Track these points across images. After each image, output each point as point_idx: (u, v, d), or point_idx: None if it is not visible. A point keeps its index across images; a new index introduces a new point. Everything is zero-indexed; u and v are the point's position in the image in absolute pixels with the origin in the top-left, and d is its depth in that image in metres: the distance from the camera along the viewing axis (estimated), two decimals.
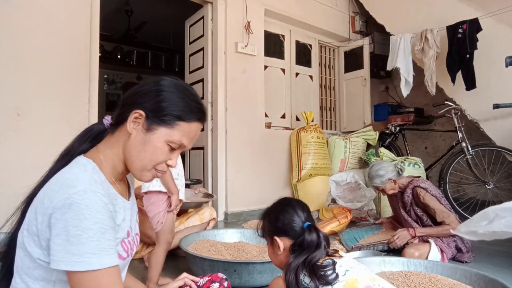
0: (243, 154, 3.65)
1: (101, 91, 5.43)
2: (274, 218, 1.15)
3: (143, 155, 0.84)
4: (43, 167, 0.91)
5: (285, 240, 1.11)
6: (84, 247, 0.70)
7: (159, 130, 0.84)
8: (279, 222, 1.13)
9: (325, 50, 4.99)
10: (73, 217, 0.71)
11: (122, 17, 5.34)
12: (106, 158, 0.86)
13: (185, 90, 0.88)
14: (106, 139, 0.89)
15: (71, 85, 2.62)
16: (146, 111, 0.83)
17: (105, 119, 0.91)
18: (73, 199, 0.72)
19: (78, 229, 0.70)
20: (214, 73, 3.60)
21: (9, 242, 0.87)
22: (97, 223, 0.73)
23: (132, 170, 0.88)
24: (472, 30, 3.43)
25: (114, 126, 0.88)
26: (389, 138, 4.27)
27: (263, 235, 1.21)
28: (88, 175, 0.79)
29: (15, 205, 0.91)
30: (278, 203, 1.20)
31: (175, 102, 0.85)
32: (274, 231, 1.14)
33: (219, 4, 3.59)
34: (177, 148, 0.87)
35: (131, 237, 0.90)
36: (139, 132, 0.84)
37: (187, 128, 0.86)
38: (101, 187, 0.79)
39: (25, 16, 2.44)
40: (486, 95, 3.45)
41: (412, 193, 2.27)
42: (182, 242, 1.94)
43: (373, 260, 1.79)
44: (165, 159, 0.86)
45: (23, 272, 0.79)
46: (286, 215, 1.13)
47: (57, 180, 0.78)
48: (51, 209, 0.73)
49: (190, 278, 1.12)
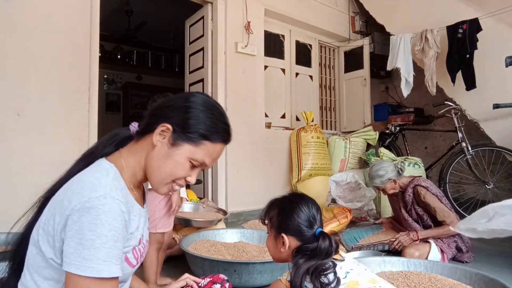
0: (243, 154, 3.65)
1: (101, 91, 5.43)
2: (286, 215, 1.09)
3: (164, 169, 0.85)
4: (43, 167, 0.91)
5: (292, 240, 1.07)
6: (97, 253, 0.70)
7: (184, 146, 0.84)
8: (291, 221, 1.07)
9: (325, 50, 4.99)
10: (90, 221, 0.71)
11: (122, 17, 5.34)
12: (127, 164, 0.87)
13: (214, 109, 0.89)
14: (130, 146, 0.90)
15: (71, 85, 2.62)
16: (174, 125, 0.84)
17: (132, 126, 0.92)
18: (93, 203, 0.72)
19: (93, 233, 0.70)
20: (214, 73, 3.60)
21: (22, 238, 0.86)
22: (112, 230, 0.73)
23: (151, 181, 0.88)
24: (472, 30, 3.43)
25: (140, 134, 0.89)
26: (389, 138, 4.27)
27: (269, 226, 1.15)
28: (110, 181, 0.79)
29: (15, 204, 0.90)
30: (293, 199, 1.13)
31: (203, 120, 0.85)
32: (284, 228, 1.08)
33: (219, 4, 3.59)
34: (198, 166, 0.88)
35: (142, 244, 0.90)
36: (164, 146, 0.85)
37: (211, 148, 0.87)
38: (121, 194, 0.79)
39: (25, 16, 2.44)
40: (486, 95, 3.44)
41: (413, 192, 2.27)
42: (182, 242, 1.94)
43: (373, 260, 1.79)
44: (185, 175, 0.87)
45: (33, 270, 0.79)
46: (301, 215, 1.07)
47: (79, 182, 0.78)
48: (69, 211, 0.73)
49: (192, 278, 1.12)
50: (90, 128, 2.69)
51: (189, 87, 3.96)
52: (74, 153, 0.92)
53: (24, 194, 2.45)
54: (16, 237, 0.88)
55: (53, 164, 2.43)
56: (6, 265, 0.88)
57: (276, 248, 1.11)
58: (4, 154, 2.33)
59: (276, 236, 1.10)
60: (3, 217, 2.12)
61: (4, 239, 1.93)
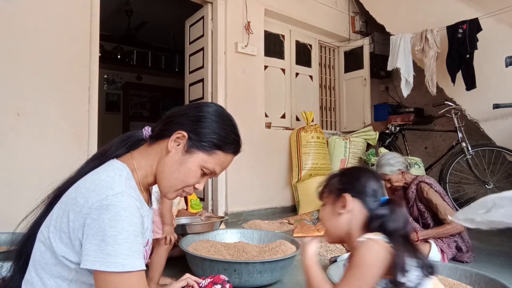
0: (243, 154, 3.59)
1: (101, 91, 5.43)
2: (351, 176, 1.00)
3: (176, 175, 0.87)
4: (43, 167, 0.91)
5: (356, 203, 0.95)
6: (120, 248, 0.72)
7: (197, 154, 0.87)
8: (357, 182, 0.97)
9: (325, 50, 4.99)
10: (110, 218, 0.72)
11: (122, 17, 5.34)
12: (139, 166, 0.88)
13: (227, 120, 0.92)
14: (142, 149, 0.92)
15: (71, 85, 2.62)
16: (189, 133, 0.87)
17: (145, 130, 0.94)
18: (111, 200, 0.74)
19: (114, 230, 0.72)
20: (214, 73, 3.60)
21: (28, 236, 0.87)
22: (132, 225, 0.75)
23: (161, 186, 0.90)
24: (472, 30, 3.43)
25: (154, 139, 0.91)
26: (389, 138, 4.27)
27: (326, 194, 1.03)
28: (123, 179, 0.81)
29: (15, 204, 0.91)
30: (356, 168, 1.09)
31: (217, 131, 0.88)
32: (346, 188, 0.97)
33: (219, 4, 3.59)
34: (209, 174, 0.91)
35: (148, 246, 0.92)
36: (178, 152, 0.87)
37: (222, 157, 0.90)
38: (135, 193, 0.82)
39: (25, 16, 2.44)
40: (486, 95, 3.44)
41: (416, 188, 2.28)
42: (182, 243, 1.94)
43: None
44: (195, 182, 0.90)
45: (40, 267, 0.79)
46: (367, 179, 0.97)
47: (93, 181, 0.79)
48: (86, 209, 0.74)
49: (193, 278, 1.12)
50: (90, 128, 2.69)
51: (189, 87, 3.96)
52: (74, 153, 0.93)
53: (24, 194, 2.47)
54: (21, 236, 0.89)
55: (53, 164, 2.43)
56: (11, 264, 0.88)
57: (333, 215, 0.98)
58: (4, 154, 2.32)
59: (335, 200, 0.99)
60: (3, 217, 2.13)
61: (5, 239, 1.93)
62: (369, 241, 0.86)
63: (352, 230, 0.96)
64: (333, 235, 1.01)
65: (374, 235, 0.88)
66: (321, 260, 2.24)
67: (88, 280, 0.78)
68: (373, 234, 0.89)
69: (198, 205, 2.80)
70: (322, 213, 1.04)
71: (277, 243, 2.03)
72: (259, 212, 3.71)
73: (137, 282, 0.74)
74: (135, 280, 0.74)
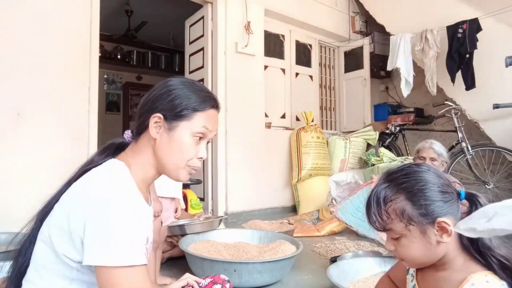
0: (243, 154, 3.65)
1: (101, 91, 5.43)
2: (423, 193, 0.77)
3: (172, 154, 0.88)
4: (43, 167, 0.92)
5: (452, 221, 0.76)
6: (121, 243, 0.73)
7: (180, 125, 0.87)
8: (435, 196, 0.77)
9: (325, 50, 4.99)
10: (111, 215, 0.73)
11: (122, 17, 5.33)
12: (135, 163, 0.89)
13: (192, 84, 0.93)
14: (131, 147, 0.93)
15: (71, 85, 2.62)
16: (163, 112, 0.87)
17: (125, 134, 0.95)
18: (111, 197, 0.75)
19: (116, 226, 0.73)
20: (214, 73, 3.60)
21: (29, 237, 0.88)
22: (132, 221, 0.76)
23: (167, 172, 0.91)
24: (472, 30, 3.43)
25: (137, 135, 0.92)
26: (389, 138, 4.27)
27: (402, 225, 0.79)
28: (121, 178, 0.82)
29: (15, 204, 0.91)
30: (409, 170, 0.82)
31: (187, 96, 0.89)
32: (435, 211, 0.76)
33: (219, 4, 3.59)
34: (204, 138, 0.91)
35: (149, 243, 0.91)
36: (163, 134, 0.88)
37: (205, 115, 0.90)
38: (134, 190, 0.83)
39: (25, 16, 2.44)
40: (486, 95, 3.44)
41: None
42: (182, 242, 1.94)
43: (373, 260, 1.79)
44: (193, 153, 0.90)
45: (41, 266, 0.80)
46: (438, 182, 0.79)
47: (92, 179, 0.81)
48: (87, 206, 0.75)
49: (193, 278, 1.12)
50: (90, 128, 2.69)
51: None
52: (74, 153, 0.94)
53: (24, 194, 2.47)
54: (22, 236, 0.90)
55: (53, 164, 2.43)
56: (12, 264, 0.88)
57: (430, 247, 0.78)
58: (4, 154, 2.32)
59: (424, 231, 0.78)
60: (3, 217, 2.13)
61: (5, 239, 1.92)
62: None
63: (449, 253, 0.79)
64: (421, 264, 0.83)
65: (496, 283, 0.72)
66: (321, 260, 2.24)
67: (90, 278, 0.79)
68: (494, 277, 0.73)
69: (198, 205, 2.80)
70: (401, 248, 0.81)
71: (277, 243, 2.03)
72: (259, 212, 3.70)
73: (139, 276, 0.75)
74: (138, 274, 0.75)
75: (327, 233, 2.91)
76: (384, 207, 0.80)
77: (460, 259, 0.80)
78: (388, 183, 0.83)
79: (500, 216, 0.66)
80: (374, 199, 0.83)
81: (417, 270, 0.90)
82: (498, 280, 0.73)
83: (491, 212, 0.67)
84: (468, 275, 0.74)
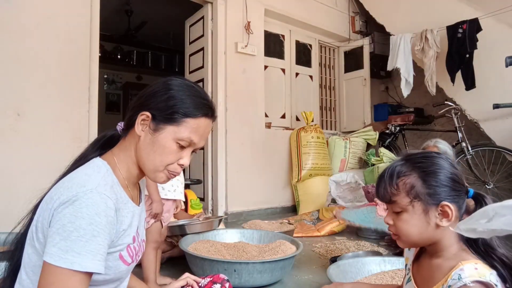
0: (243, 154, 3.65)
1: (101, 91, 5.43)
2: (436, 176, 0.81)
3: (153, 156, 0.85)
4: (43, 167, 0.92)
5: (455, 209, 0.80)
6: (72, 245, 0.71)
7: (166, 129, 0.84)
8: (447, 183, 0.80)
9: (325, 50, 4.99)
10: (71, 213, 0.72)
11: (122, 17, 5.34)
12: (120, 161, 0.87)
13: (190, 88, 0.88)
14: (120, 143, 0.91)
15: (71, 85, 2.62)
16: (152, 111, 0.84)
17: (118, 125, 0.93)
18: (78, 196, 0.73)
19: (72, 225, 0.71)
20: (214, 73, 3.60)
21: (19, 238, 0.87)
22: (92, 224, 0.73)
23: (145, 172, 0.89)
24: (472, 30, 3.43)
25: (126, 130, 0.90)
26: (389, 138, 4.27)
27: (401, 195, 0.83)
28: (100, 177, 0.80)
29: (15, 204, 0.91)
30: (427, 154, 0.86)
31: (181, 100, 0.85)
32: (441, 194, 0.80)
33: (219, 4, 3.59)
34: (187, 146, 0.87)
35: (137, 243, 0.90)
36: (147, 134, 0.85)
37: (194, 124, 0.85)
38: (111, 190, 0.80)
39: (25, 16, 2.44)
40: (486, 95, 3.44)
41: None
42: (182, 242, 1.94)
43: (373, 260, 1.79)
44: (174, 158, 0.86)
45: (29, 269, 0.79)
46: (454, 172, 0.81)
47: (72, 179, 0.79)
48: (56, 205, 0.74)
49: (193, 278, 1.12)
50: (90, 128, 2.69)
51: None
52: (74, 153, 0.94)
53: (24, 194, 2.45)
54: (14, 238, 0.89)
55: (53, 164, 2.42)
56: (4, 266, 0.88)
57: (427, 228, 0.82)
58: (4, 154, 2.32)
59: (426, 210, 0.82)
60: (2, 217, 2.13)
61: (4, 239, 1.92)
62: (478, 287, 0.72)
63: (444, 240, 0.83)
64: (414, 243, 0.86)
65: (485, 271, 0.75)
66: (321, 260, 2.24)
67: None
68: (483, 265, 0.76)
69: (198, 205, 2.80)
70: (400, 223, 0.85)
71: (277, 243, 2.03)
72: (259, 212, 3.71)
73: (79, 283, 0.72)
74: (78, 280, 0.71)
75: (327, 233, 2.91)
76: (396, 180, 0.84)
77: (454, 248, 0.83)
78: (404, 161, 0.87)
79: (500, 216, 0.66)
80: (388, 172, 0.87)
81: (413, 262, 0.94)
82: (487, 269, 0.75)
83: (491, 213, 0.67)
84: (459, 262, 0.78)
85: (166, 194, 1.77)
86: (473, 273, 0.74)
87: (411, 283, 0.91)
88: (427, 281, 0.85)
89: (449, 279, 0.77)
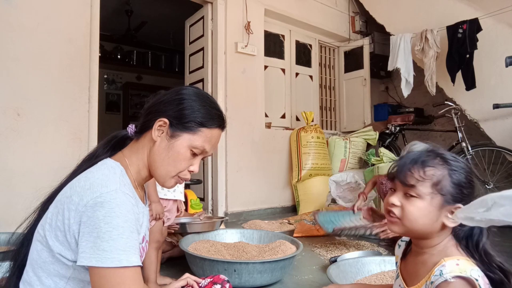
0: (243, 154, 3.65)
1: (101, 91, 5.43)
2: (465, 178, 0.82)
3: (167, 161, 0.88)
4: (43, 167, 0.92)
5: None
6: (115, 244, 0.73)
7: (182, 136, 0.88)
8: (470, 186, 0.83)
9: (325, 50, 4.99)
10: (105, 215, 0.73)
11: (122, 17, 5.34)
12: (131, 163, 0.90)
13: (206, 98, 0.93)
14: (131, 145, 0.93)
15: (71, 85, 2.62)
16: (170, 118, 0.87)
17: (129, 128, 0.95)
18: (105, 197, 0.75)
19: (109, 226, 0.73)
20: (214, 73, 3.60)
21: (25, 237, 0.88)
22: (127, 221, 0.75)
23: (156, 176, 0.91)
24: (472, 30, 3.43)
25: (139, 133, 0.92)
26: (389, 138, 4.27)
27: (425, 184, 0.82)
28: (117, 177, 0.82)
29: (14, 204, 0.91)
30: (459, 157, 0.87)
31: (197, 109, 0.89)
32: (462, 199, 0.81)
33: (219, 4, 3.59)
34: (199, 154, 0.91)
35: (144, 242, 0.92)
36: (164, 139, 0.88)
37: (209, 134, 0.90)
38: (129, 189, 0.82)
39: (25, 16, 2.44)
40: (486, 95, 3.45)
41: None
42: (182, 242, 1.94)
43: (373, 260, 1.79)
44: (186, 165, 0.90)
45: (38, 266, 0.79)
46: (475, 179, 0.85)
47: (87, 179, 0.80)
48: (82, 207, 0.75)
49: (193, 278, 1.12)
50: (90, 128, 2.69)
51: None
52: (74, 153, 0.94)
53: (24, 194, 2.46)
54: (19, 236, 0.90)
55: (53, 164, 2.43)
56: (9, 264, 0.88)
57: (433, 222, 0.83)
58: (4, 154, 2.32)
59: (442, 206, 0.82)
60: (2, 217, 2.13)
61: (5, 239, 1.92)
62: (459, 282, 0.74)
63: (437, 237, 0.85)
64: (414, 231, 0.85)
65: (467, 266, 0.76)
66: (321, 260, 2.24)
67: (86, 277, 0.79)
68: (466, 261, 0.78)
69: (198, 205, 2.80)
70: (412, 208, 0.83)
71: (277, 243, 2.03)
72: (259, 212, 3.71)
73: (133, 277, 0.75)
74: (131, 275, 0.75)
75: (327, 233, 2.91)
76: (426, 168, 0.83)
77: (442, 245, 0.84)
78: (433, 154, 0.86)
79: (499, 206, 0.66)
80: (417, 157, 0.85)
81: (401, 259, 0.96)
82: (469, 265, 0.77)
83: (490, 202, 0.68)
84: (442, 259, 0.80)
85: (165, 194, 1.77)
86: (454, 269, 0.75)
87: (399, 279, 0.93)
88: (413, 277, 0.87)
89: (432, 275, 0.78)
